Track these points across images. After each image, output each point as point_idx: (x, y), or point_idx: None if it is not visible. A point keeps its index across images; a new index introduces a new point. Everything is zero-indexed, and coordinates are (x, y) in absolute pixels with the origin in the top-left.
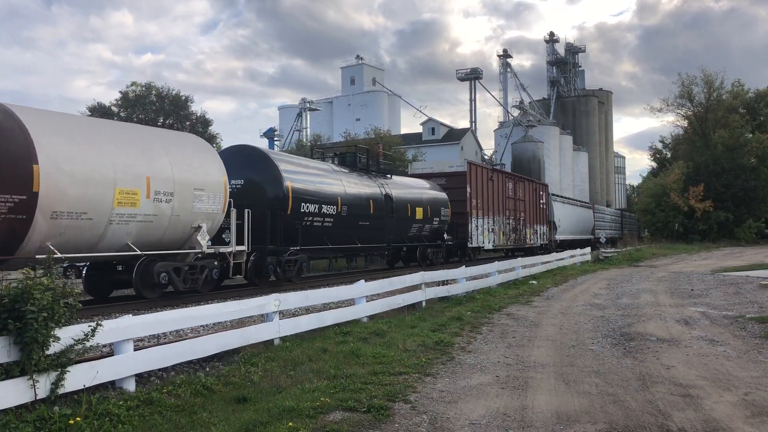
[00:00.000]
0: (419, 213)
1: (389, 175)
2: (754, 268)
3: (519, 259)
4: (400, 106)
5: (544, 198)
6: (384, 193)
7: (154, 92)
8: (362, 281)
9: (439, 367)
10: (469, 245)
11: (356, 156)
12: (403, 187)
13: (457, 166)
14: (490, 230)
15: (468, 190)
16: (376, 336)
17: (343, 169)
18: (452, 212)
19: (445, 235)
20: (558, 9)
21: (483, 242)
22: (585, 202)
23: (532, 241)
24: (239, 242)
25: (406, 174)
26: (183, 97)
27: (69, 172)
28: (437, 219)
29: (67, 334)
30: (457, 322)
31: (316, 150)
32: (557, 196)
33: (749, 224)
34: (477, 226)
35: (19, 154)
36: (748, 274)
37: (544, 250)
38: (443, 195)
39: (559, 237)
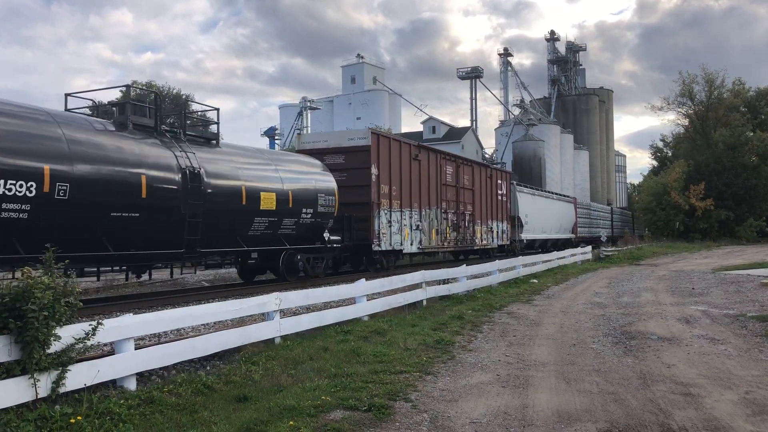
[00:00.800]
0: (267, 201)
1: (214, 142)
2: (755, 267)
3: (520, 257)
4: (401, 104)
5: (504, 188)
6: (184, 165)
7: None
8: (363, 280)
9: (440, 366)
10: (376, 248)
11: (128, 105)
12: (235, 159)
13: (359, 138)
14: (415, 227)
15: (374, 171)
16: (377, 335)
17: (109, 127)
18: (349, 202)
19: (328, 235)
20: (558, 8)
21: (401, 243)
22: (565, 196)
23: (485, 242)
24: None
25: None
26: (183, 96)
27: None
28: (310, 211)
29: (67, 333)
30: (458, 320)
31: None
32: (524, 186)
33: (750, 223)
34: (390, 222)
35: None
36: (749, 272)
37: (506, 252)
38: (326, 177)
39: (526, 236)
